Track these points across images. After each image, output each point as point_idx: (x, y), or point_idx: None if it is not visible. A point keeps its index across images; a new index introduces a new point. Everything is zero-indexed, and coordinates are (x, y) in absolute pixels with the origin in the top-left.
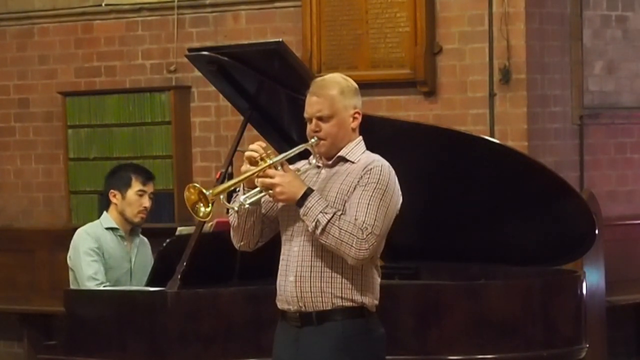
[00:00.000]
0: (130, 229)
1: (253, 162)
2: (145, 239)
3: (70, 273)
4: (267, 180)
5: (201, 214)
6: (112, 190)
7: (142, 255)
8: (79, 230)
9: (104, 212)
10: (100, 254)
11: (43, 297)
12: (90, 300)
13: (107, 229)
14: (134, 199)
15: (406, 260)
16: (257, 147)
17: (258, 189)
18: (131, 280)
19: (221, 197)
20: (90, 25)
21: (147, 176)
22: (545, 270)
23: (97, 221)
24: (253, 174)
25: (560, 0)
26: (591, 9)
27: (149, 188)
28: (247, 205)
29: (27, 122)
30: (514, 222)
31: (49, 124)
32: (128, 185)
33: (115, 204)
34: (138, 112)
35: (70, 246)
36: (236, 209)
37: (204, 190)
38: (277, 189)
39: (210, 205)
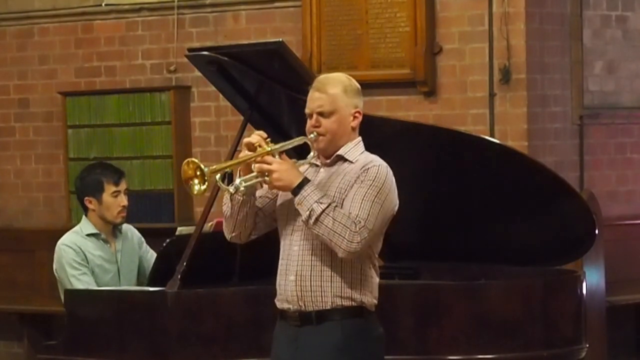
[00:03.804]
0: (112, 228)
1: (252, 148)
2: (130, 227)
3: (59, 285)
4: (265, 165)
5: (195, 191)
6: (86, 198)
7: (127, 251)
8: (59, 244)
9: (83, 217)
10: (86, 265)
11: (43, 297)
12: (90, 300)
13: (88, 235)
14: (111, 201)
15: (406, 260)
16: (256, 135)
17: (255, 174)
18: (120, 281)
19: (217, 177)
20: (90, 25)
21: (117, 175)
22: (545, 270)
23: (77, 227)
24: (251, 158)
25: (560, 0)
26: (591, 9)
27: (123, 186)
28: (242, 188)
29: (27, 122)
30: (514, 222)
31: (49, 124)
32: (101, 190)
33: (93, 210)
34: (138, 112)
35: (54, 259)
36: (232, 191)
37: (202, 166)
38: (274, 175)
39: (205, 183)
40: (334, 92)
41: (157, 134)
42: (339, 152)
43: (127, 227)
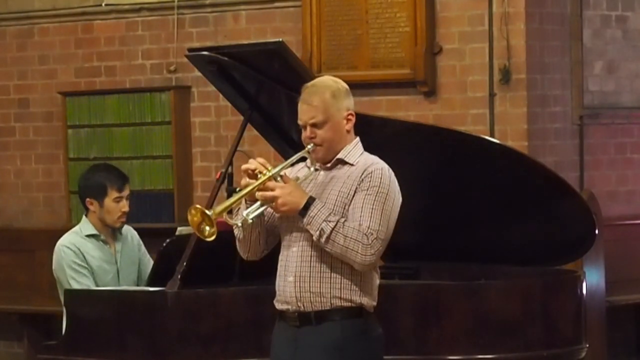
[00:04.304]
0: (112, 229)
1: (252, 175)
2: (130, 229)
3: (58, 285)
4: (268, 193)
5: (207, 234)
6: (88, 199)
7: (126, 252)
8: (58, 245)
9: (84, 217)
10: (86, 266)
11: (43, 297)
12: (90, 300)
13: (87, 236)
14: (112, 206)
15: (406, 260)
16: (254, 161)
17: (260, 202)
18: (119, 281)
19: (224, 214)
20: (90, 25)
21: (122, 181)
22: (545, 270)
23: (76, 228)
24: (253, 188)
25: (560, 0)
26: (591, 9)
27: (126, 192)
28: (250, 221)
29: (27, 122)
30: (514, 222)
31: (49, 124)
32: (103, 194)
33: (94, 212)
34: (138, 112)
35: (54, 260)
36: (239, 224)
37: (207, 211)
38: (279, 201)
39: (214, 224)
40: (323, 99)
41: (157, 134)
42: (338, 156)
43: (127, 229)
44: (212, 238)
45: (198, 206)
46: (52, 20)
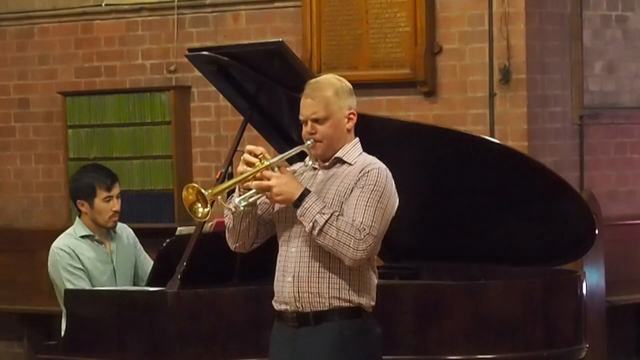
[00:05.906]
0: (106, 229)
1: (250, 163)
2: (125, 227)
3: (55, 286)
4: (264, 182)
5: (199, 215)
6: (78, 200)
7: (122, 250)
8: (53, 248)
9: (77, 219)
10: (81, 268)
11: (43, 297)
12: (90, 300)
13: (82, 237)
14: (102, 206)
15: (406, 260)
16: (253, 148)
17: (254, 190)
18: (116, 280)
19: (219, 197)
20: (90, 25)
21: (110, 180)
22: (545, 270)
23: (70, 229)
24: (251, 174)
25: (560, 0)
26: (591, 9)
27: (115, 191)
28: (241, 208)
29: (27, 122)
30: (514, 222)
31: (49, 124)
32: (93, 194)
33: (86, 213)
34: (138, 112)
35: (49, 262)
36: (232, 209)
37: (203, 191)
38: (274, 190)
39: (208, 205)
40: (326, 96)
41: (157, 134)
42: (337, 155)
43: (122, 227)
44: (204, 219)
45: (195, 185)
46: (52, 20)
